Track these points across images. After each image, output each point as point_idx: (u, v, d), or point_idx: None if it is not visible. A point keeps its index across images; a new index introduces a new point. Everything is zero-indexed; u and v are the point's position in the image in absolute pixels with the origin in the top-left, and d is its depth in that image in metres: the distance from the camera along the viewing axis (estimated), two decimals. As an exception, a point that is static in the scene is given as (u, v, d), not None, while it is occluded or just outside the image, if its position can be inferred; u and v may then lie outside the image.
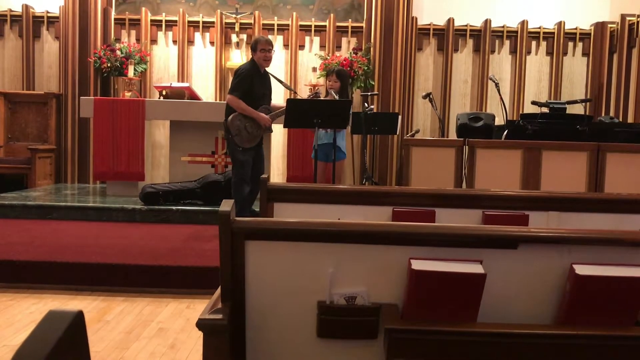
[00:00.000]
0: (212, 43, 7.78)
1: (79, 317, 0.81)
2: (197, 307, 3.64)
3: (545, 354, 1.50)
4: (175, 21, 7.71)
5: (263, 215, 2.58)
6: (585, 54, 7.87)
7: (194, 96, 6.64)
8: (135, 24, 7.78)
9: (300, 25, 7.75)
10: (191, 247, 4.60)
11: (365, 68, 7.41)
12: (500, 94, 5.58)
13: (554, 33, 7.80)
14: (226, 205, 1.61)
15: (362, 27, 7.76)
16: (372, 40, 7.56)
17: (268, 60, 4.92)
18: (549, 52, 7.87)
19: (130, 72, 7.24)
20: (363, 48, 7.59)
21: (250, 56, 5.01)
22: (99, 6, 7.51)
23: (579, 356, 1.50)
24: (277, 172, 7.68)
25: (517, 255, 1.62)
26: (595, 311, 1.54)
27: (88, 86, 7.47)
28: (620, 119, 7.08)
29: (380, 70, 7.50)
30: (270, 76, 5.10)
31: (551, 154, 4.86)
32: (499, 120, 5.91)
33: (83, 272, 3.98)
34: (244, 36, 7.80)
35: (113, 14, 7.74)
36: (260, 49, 4.86)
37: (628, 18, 7.31)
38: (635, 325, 1.56)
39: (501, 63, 7.90)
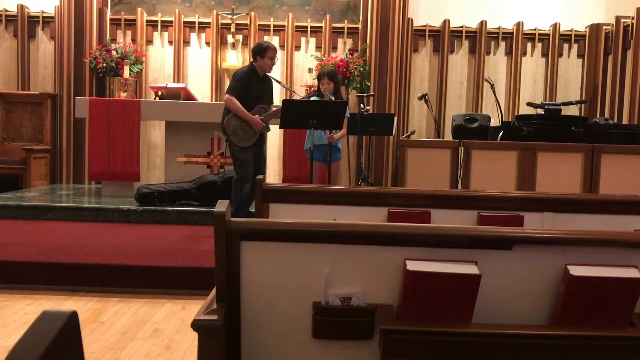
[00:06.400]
0: (207, 44, 7.77)
1: (73, 317, 0.81)
2: (192, 308, 3.63)
3: (539, 355, 1.50)
4: (171, 22, 7.70)
5: (258, 216, 2.57)
6: (580, 55, 7.90)
7: (189, 97, 6.63)
8: (130, 24, 7.77)
9: (296, 26, 7.76)
10: (186, 247, 4.59)
11: (361, 69, 7.42)
12: (495, 95, 5.59)
13: (549, 35, 7.83)
14: (221, 205, 1.61)
15: (358, 28, 7.76)
16: (368, 42, 7.57)
17: (272, 66, 5.04)
18: (544, 54, 7.89)
19: (126, 73, 7.22)
20: (359, 49, 7.60)
21: (249, 58, 5.06)
22: (95, 6, 7.50)
23: (574, 356, 1.50)
24: (272, 172, 7.68)
25: (511, 256, 1.62)
26: (589, 312, 1.54)
27: (83, 86, 7.45)
28: (615, 121, 7.11)
29: (376, 71, 7.50)
30: (272, 79, 5.17)
31: (546, 155, 4.88)
32: (495, 122, 5.92)
33: (78, 273, 3.96)
34: (239, 37, 7.79)
35: (108, 14, 7.72)
36: (269, 57, 4.96)
37: (623, 20, 7.34)
38: (629, 325, 1.56)
39: (497, 64, 7.92)
